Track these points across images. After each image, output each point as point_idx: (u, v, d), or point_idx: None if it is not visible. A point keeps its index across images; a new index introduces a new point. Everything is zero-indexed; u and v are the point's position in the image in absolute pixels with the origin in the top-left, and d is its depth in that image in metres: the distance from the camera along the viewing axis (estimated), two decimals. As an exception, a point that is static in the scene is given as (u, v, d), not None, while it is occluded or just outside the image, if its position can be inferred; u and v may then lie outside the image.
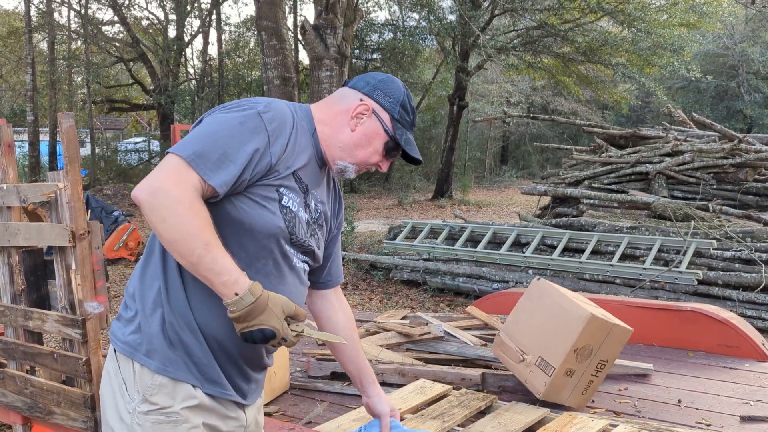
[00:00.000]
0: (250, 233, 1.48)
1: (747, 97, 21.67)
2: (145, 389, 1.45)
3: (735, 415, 2.66)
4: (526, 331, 2.75)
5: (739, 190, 7.58)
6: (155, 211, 1.34)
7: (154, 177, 1.37)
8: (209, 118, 1.48)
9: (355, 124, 1.61)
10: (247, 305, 1.36)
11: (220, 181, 1.39)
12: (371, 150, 1.63)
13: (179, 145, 1.41)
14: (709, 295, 5.71)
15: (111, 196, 15.08)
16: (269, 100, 1.52)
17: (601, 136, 9.47)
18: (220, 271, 1.36)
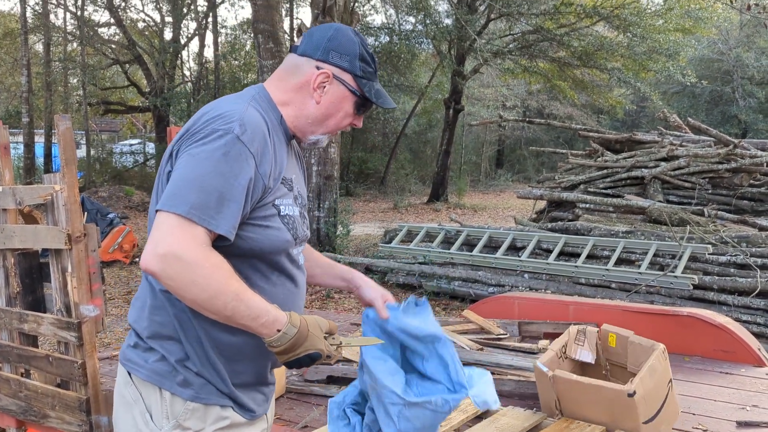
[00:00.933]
0: (261, 256, 1.47)
1: (742, 102, 21.78)
2: (178, 415, 1.43)
3: (732, 420, 2.66)
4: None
5: (734, 195, 7.61)
6: (174, 280, 1.29)
7: (159, 242, 1.30)
8: (187, 157, 1.37)
9: (319, 95, 1.53)
10: (292, 338, 1.37)
11: (227, 228, 1.35)
12: (341, 114, 1.57)
13: (170, 201, 1.32)
14: (705, 299, 5.72)
15: (106, 198, 15.04)
16: (239, 115, 1.40)
17: (597, 140, 9.50)
18: (257, 314, 1.34)
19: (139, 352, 1.48)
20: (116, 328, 6.35)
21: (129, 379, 1.48)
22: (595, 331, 2.73)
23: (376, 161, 21.88)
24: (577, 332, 2.71)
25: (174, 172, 1.37)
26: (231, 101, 1.48)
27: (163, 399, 1.44)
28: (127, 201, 15.61)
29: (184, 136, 1.42)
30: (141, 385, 1.46)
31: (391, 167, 21.59)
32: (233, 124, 1.37)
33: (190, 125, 1.43)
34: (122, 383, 1.50)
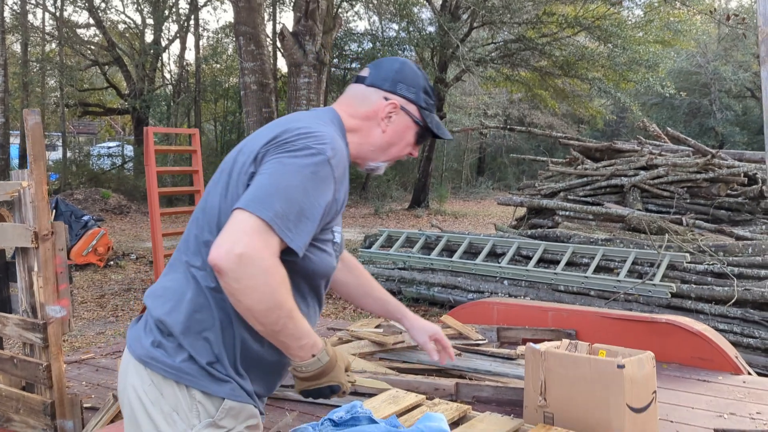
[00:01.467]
0: (308, 278, 1.50)
1: (719, 114, 22.12)
2: (214, 414, 1.41)
3: (709, 428, 2.65)
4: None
5: (711, 205, 7.67)
6: (239, 282, 1.27)
7: (236, 241, 1.28)
8: (277, 165, 1.37)
9: (386, 125, 1.60)
10: (322, 366, 1.40)
11: (300, 244, 1.35)
12: (403, 144, 1.64)
13: (256, 204, 1.31)
14: (682, 308, 5.73)
15: (82, 201, 14.81)
16: (331, 140, 1.43)
17: (577, 148, 9.55)
18: (301, 335, 1.36)
19: (163, 351, 1.42)
20: (88, 332, 6.22)
21: (148, 378, 1.42)
22: (585, 345, 2.69)
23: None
24: (569, 344, 2.68)
25: (260, 176, 1.37)
26: (316, 121, 1.50)
27: (192, 398, 1.40)
28: (104, 204, 15.39)
29: (272, 142, 1.42)
30: (164, 384, 1.41)
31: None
32: (326, 147, 1.40)
33: (278, 133, 1.43)
34: (138, 383, 1.43)
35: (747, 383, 3.20)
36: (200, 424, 1.39)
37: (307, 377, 1.40)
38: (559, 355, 2.46)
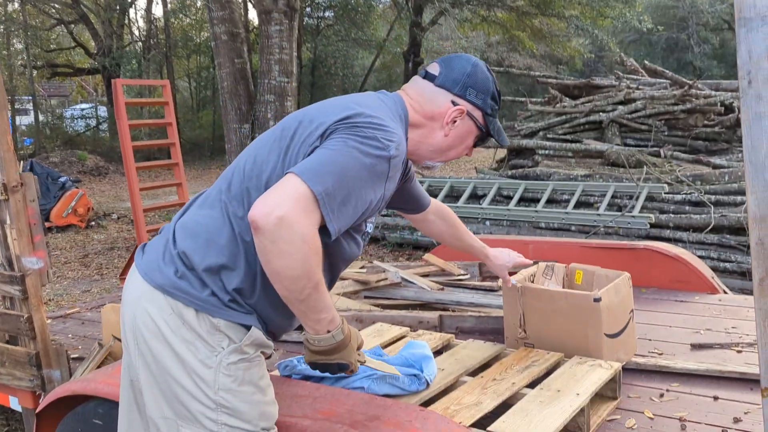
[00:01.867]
0: (333, 259, 1.53)
1: (696, 48, 22.05)
2: (241, 341, 1.44)
3: (686, 343, 2.72)
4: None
5: (689, 136, 7.71)
6: (277, 243, 1.27)
7: (281, 203, 1.28)
8: (342, 145, 1.38)
9: (449, 129, 1.61)
10: (336, 343, 1.43)
11: (336, 227, 1.36)
12: (463, 147, 1.67)
13: (311, 174, 1.32)
14: (661, 237, 5.83)
15: (58, 164, 14.56)
16: (399, 139, 1.45)
17: (556, 86, 9.50)
18: (322, 308, 1.38)
19: (188, 282, 1.44)
20: (73, 290, 6.20)
21: (169, 308, 1.43)
22: (563, 267, 2.73)
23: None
24: (545, 267, 2.71)
25: (323, 149, 1.38)
26: (389, 114, 1.51)
27: (216, 327, 1.43)
28: (81, 166, 15.16)
29: (344, 121, 1.42)
30: (187, 313, 1.42)
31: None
32: (392, 145, 1.42)
33: (351, 114, 1.43)
34: (157, 313, 1.43)
35: (723, 301, 3.28)
36: (225, 350, 1.42)
37: (318, 351, 1.44)
38: (535, 290, 2.46)
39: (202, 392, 1.41)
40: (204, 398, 1.41)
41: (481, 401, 1.92)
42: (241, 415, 1.43)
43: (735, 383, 2.30)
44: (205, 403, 1.42)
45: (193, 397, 1.42)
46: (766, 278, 1.30)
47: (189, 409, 1.42)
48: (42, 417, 2.13)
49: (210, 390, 1.41)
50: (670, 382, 2.33)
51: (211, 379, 1.41)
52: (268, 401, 1.50)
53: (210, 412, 1.42)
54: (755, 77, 1.27)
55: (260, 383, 1.48)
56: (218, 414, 1.42)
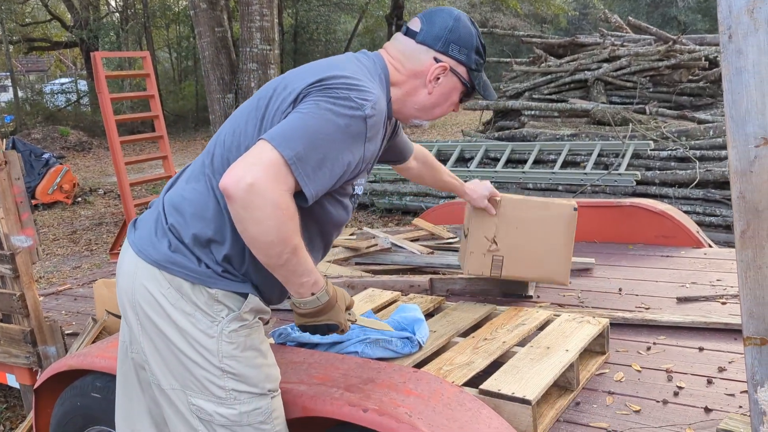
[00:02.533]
0: (320, 224, 1.53)
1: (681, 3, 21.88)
2: (240, 309, 1.46)
3: (672, 297, 2.77)
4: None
5: (674, 92, 7.72)
6: (248, 210, 1.27)
7: (249, 170, 1.27)
8: (314, 108, 1.35)
9: (433, 86, 1.57)
10: (321, 305, 1.45)
11: (312, 192, 1.35)
12: (448, 104, 1.64)
13: (280, 139, 1.31)
14: (647, 194, 5.88)
15: (41, 140, 14.37)
16: (375, 98, 1.41)
17: (540, 46, 9.43)
18: (303, 272, 1.39)
19: (182, 255, 1.46)
20: (64, 267, 6.19)
21: (165, 282, 1.45)
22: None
23: (321, 85, 21.38)
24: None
25: (294, 114, 1.36)
26: (366, 73, 1.48)
27: (213, 297, 1.45)
28: (64, 141, 14.97)
29: (316, 84, 1.40)
30: (184, 286, 1.44)
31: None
32: (367, 104, 1.38)
33: (324, 77, 1.41)
34: (154, 287, 1.45)
35: (708, 255, 3.34)
36: (225, 319, 1.45)
37: (305, 314, 1.46)
38: (515, 199, 2.50)
39: (207, 361, 1.44)
40: (210, 366, 1.44)
41: (473, 361, 1.96)
42: (247, 380, 1.46)
43: (719, 334, 2.35)
44: (212, 371, 1.44)
45: (199, 367, 1.44)
46: (748, 231, 1.33)
47: (197, 378, 1.45)
48: (40, 393, 2.15)
49: (215, 358, 1.44)
50: (657, 336, 2.38)
51: (215, 348, 1.44)
52: (271, 363, 1.53)
53: (217, 379, 1.44)
54: (735, 32, 1.27)
55: (261, 347, 1.51)
56: (225, 381, 1.45)
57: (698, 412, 1.82)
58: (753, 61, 1.27)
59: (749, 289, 1.33)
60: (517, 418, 1.69)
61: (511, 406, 1.71)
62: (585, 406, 1.90)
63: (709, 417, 1.78)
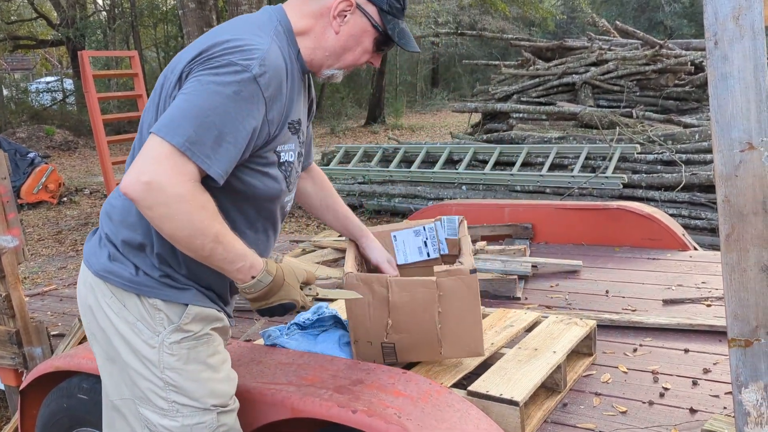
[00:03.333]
0: (252, 201, 1.45)
1: (667, 8, 22.08)
2: (179, 320, 1.43)
3: (658, 299, 2.80)
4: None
5: (660, 96, 7.79)
6: (154, 209, 1.23)
7: (144, 169, 1.22)
8: (196, 84, 1.27)
9: (339, 24, 1.44)
10: (266, 286, 1.37)
11: (219, 171, 1.28)
12: (360, 50, 1.48)
13: (168, 128, 1.24)
14: (634, 197, 5.93)
15: (26, 140, 14.24)
16: (262, 54, 1.31)
17: (529, 49, 9.49)
18: (234, 258, 1.32)
19: (120, 264, 1.43)
20: (49, 267, 6.14)
21: (109, 292, 1.43)
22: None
23: (310, 86, 21.35)
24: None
25: (180, 96, 1.28)
26: (253, 30, 1.37)
27: (154, 307, 1.42)
28: (49, 141, 14.84)
29: (196, 58, 1.32)
30: (124, 296, 1.43)
31: (326, 91, 21.15)
32: (253, 63, 1.28)
33: (204, 48, 1.32)
34: (101, 297, 1.45)
35: (693, 257, 3.37)
36: (166, 330, 1.42)
37: (254, 298, 1.39)
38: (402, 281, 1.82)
39: (150, 372, 1.42)
40: (153, 377, 1.42)
41: (461, 362, 1.97)
42: (189, 393, 1.43)
43: (704, 336, 2.38)
44: (155, 382, 1.42)
45: (143, 377, 1.43)
46: (733, 234, 1.35)
47: (142, 390, 1.44)
48: (26, 394, 2.14)
49: (157, 369, 1.42)
50: (643, 337, 2.41)
51: (156, 358, 1.41)
52: (221, 378, 1.48)
53: (160, 390, 1.43)
54: (721, 38, 1.29)
55: (210, 361, 1.46)
56: (167, 392, 1.43)
57: (683, 413, 1.84)
58: (738, 66, 1.28)
59: (734, 291, 1.35)
60: (505, 419, 1.70)
61: (499, 407, 1.71)
62: (572, 407, 1.91)
63: (694, 418, 1.80)
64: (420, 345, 1.85)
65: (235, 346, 1.99)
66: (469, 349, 1.87)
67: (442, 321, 1.82)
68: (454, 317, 1.82)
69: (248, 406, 1.61)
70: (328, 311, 2.23)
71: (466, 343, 1.85)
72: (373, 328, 1.85)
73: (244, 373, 1.71)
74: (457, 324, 1.82)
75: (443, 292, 1.78)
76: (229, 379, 1.51)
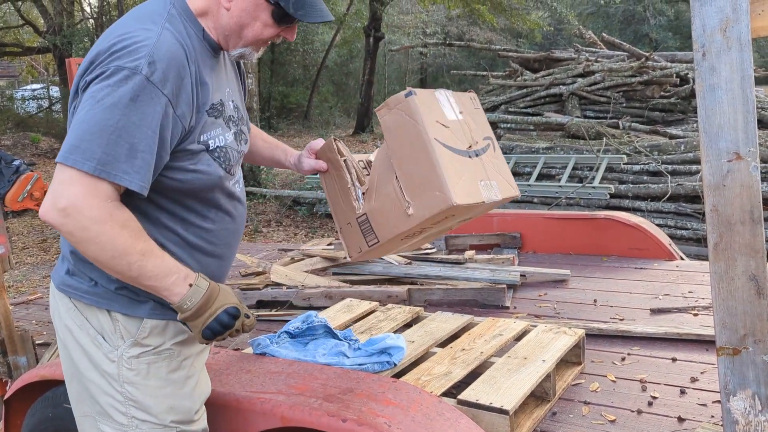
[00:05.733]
0: (192, 194, 1.40)
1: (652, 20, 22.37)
2: (136, 334, 1.40)
3: (645, 308, 2.82)
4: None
5: (646, 107, 7.87)
6: (73, 235, 1.21)
7: (59, 194, 1.19)
8: (91, 101, 1.21)
9: (228, 1, 1.35)
10: (205, 290, 1.32)
11: (140, 183, 1.24)
12: (259, 25, 1.37)
13: (74, 154, 1.19)
14: (621, 207, 5.98)
15: (11, 147, 14.11)
16: (150, 49, 1.23)
17: (516, 60, 9.56)
18: (166, 272, 1.28)
19: (78, 278, 1.42)
20: (33, 276, 6.07)
21: (71, 305, 1.42)
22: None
23: (298, 95, 21.38)
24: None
25: (77, 116, 1.23)
26: (143, 22, 1.30)
27: (114, 320, 1.40)
28: (34, 148, 14.72)
29: (88, 69, 1.26)
30: (86, 309, 1.41)
31: (314, 101, 21.16)
32: (141, 62, 1.22)
33: (94, 56, 1.26)
34: (63, 311, 1.44)
35: (680, 267, 3.40)
36: (124, 344, 1.40)
37: (196, 311, 1.31)
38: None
39: (110, 386, 1.40)
40: (113, 392, 1.41)
41: (451, 371, 1.97)
42: (148, 409, 1.41)
43: (692, 345, 2.39)
44: (115, 397, 1.41)
45: (103, 392, 1.41)
46: (720, 243, 1.36)
47: (101, 405, 1.42)
48: (10, 404, 2.10)
49: (116, 383, 1.40)
50: (631, 346, 2.42)
51: (116, 372, 1.40)
52: (183, 394, 1.45)
53: (120, 405, 1.41)
54: (709, 50, 1.31)
55: (171, 376, 1.43)
56: (127, 407, 1.41)
57: (672, 421, 1.85)
58: (726, 78, 1.30)
59: (722, 300, 1.36)
60: (495, 428, 1.70)
61: (489, 416, 1.71)
62: (562, 416, 1.92)
63: (682, 426, 1.81)
64: (389, 211, 1.56)
65: (223, 355, 1.98)
66: (437, 198, 1.47)
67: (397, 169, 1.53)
68: (407, 161, 1.52)
69: (237, 416, 1.60)
70: (317, 319, 2.22)
71: (431, 191, 1.48)
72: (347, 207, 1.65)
73: (233, 382, 1.70)
74: (414, 167, 1.51)
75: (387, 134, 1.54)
76: (193, 396, 1.48)
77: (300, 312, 2.92)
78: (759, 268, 1.33)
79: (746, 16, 1.28)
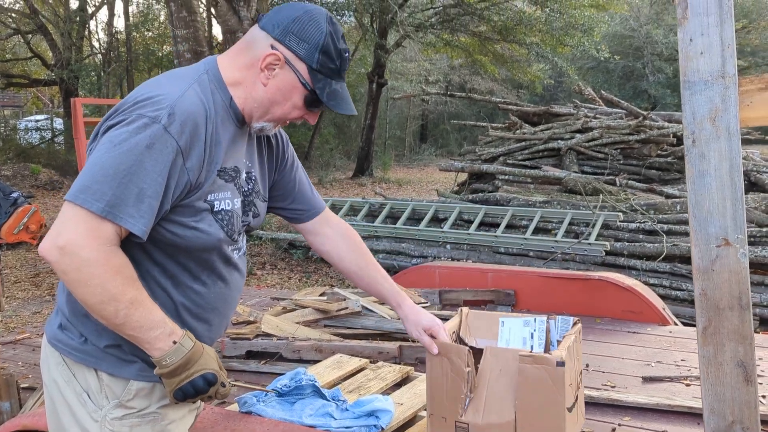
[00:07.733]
0: (188, 252, 1.39)
1: (651, 77, 22.80)
2: (121, 395, 1.39)
3: (638, 376, 2.79)
4: None
5: (643, 165, 7.96)
6: (67, 274, 1.23)
7: (61, 233, 1.21)
8: (108, 144, 1.25)
9: (266, 77, 1.39)
10: (188, 350, 1.31)
11: (142, 228, 1.26)
12: (289, 105, 1.43)
13: (84, 194, 1.21)
14: (616, 265, 5.98)
15: (10, 177, 14.16)
16: (172, 102, 1.28)
17: (516, 113, 9.70)
18: (152, 325, 1.28)
19: (68, 333, 1.41)
20: (23, 312, 6.02)
21: (61, 360, 1.42)
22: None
23: (300, 136, 21.59)
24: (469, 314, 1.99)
25: (92, 158, 1.26)
26: (172, 81, 1.35)
27: (100, 379, 1.39)
28: (34, 180, 14.76)
29: (109, 117, 1.31)
30: (74, 366, 1.40)
31: (315, 142, 21.36)
32: (162, 113, 1.26)
33: (120, 104, 1.32)
34: (53, 365, 1.44)
35: (673, 333, 3.38)
36: (109, 405, 1.39)
37: (173, 369, 1.30)
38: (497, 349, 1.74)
39: None
40: None
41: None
42: None
43: (683, 417, 2.37)
44: None
45: None
46: (709, 327, 1.37)
47: None
48: (-11, 454, 2.07)
49: None
50: (622, 416, 2.39)
51: None
52: None
53: None
54: (698, 137, 1.34)
55: None
56: None
57: (661, 500, 1.81)
58: (715, 165, 1.33)
59: (710, 385, 1.36)
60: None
61: (475, 490, 1.68)
62: (549, 490, 1.88)
63: (671, 507, 1.78)
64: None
65: (209, 412, 1.95)
66: None
67: (518, 409, 1.64)
68: (533, 413, 1.63)
69: (218, 481, 1.57)
70: (306, 377, 2.20)
71: None
72: (450, 402, 1.71)
73: (216, 444, 1.67)
74: (539, 422, 1.63)
75: (522, 378, 1.62)
76: None
77: (289, 364, 2.90)
78: (747, 355, 1.33)
79: (735, 107, 1.31)
